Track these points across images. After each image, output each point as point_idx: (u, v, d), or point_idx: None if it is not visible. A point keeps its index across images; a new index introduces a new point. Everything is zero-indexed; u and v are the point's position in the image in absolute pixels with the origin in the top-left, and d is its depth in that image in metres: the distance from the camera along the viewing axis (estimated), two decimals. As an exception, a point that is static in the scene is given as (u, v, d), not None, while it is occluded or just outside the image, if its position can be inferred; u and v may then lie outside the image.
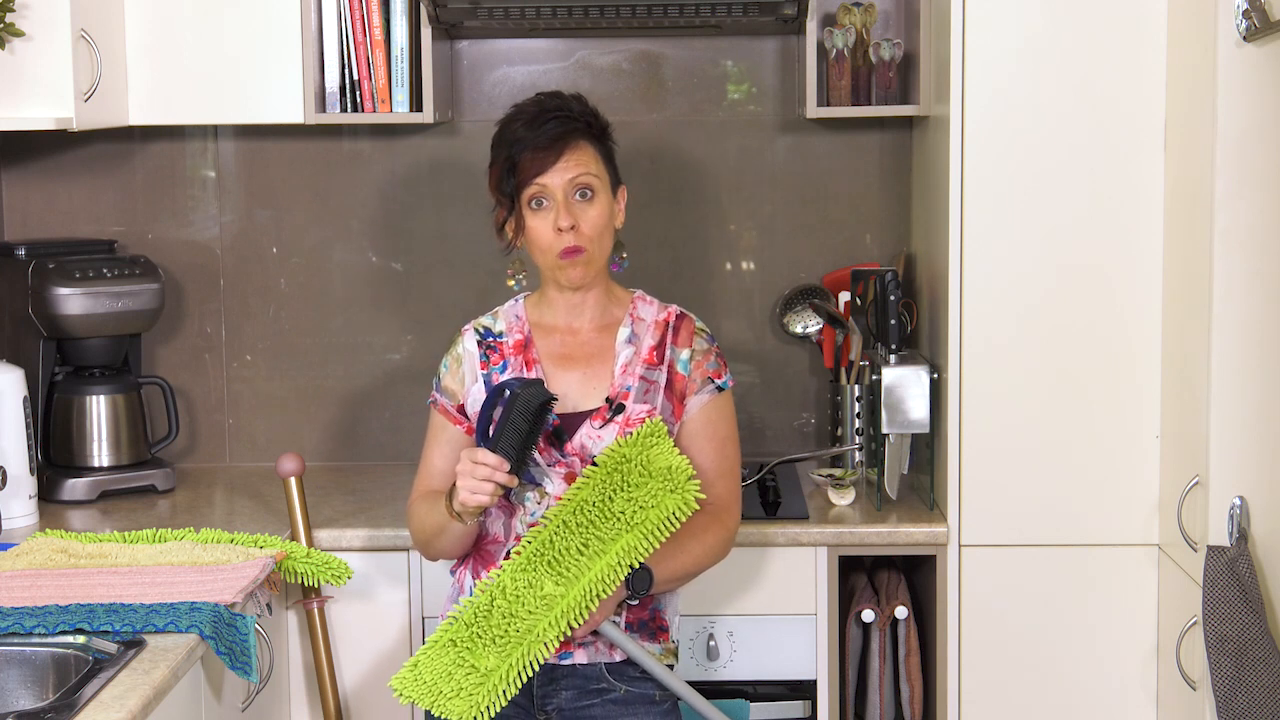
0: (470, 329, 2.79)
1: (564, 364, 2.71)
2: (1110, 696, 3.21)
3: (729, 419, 2.74)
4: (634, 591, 2.57)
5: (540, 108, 2.68)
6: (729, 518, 2.72)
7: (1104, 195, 3.14)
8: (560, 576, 2.51)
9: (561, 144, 2.62)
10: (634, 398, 2.67)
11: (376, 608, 3.25)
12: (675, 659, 2.73)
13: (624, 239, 2.76)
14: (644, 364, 2.69)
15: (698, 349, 2.72)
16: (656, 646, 2.68)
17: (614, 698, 2.64)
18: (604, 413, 2.66)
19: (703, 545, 2.67)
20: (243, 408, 3.85)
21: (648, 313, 2.75)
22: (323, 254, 3.82)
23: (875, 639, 3.27)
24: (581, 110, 2.69)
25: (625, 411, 2.66)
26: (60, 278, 3.45)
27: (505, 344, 2.74)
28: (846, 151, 3.77)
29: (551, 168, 2.62)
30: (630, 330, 2.72)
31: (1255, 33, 2.70)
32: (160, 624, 2.49)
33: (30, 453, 3.28)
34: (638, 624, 2.67)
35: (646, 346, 2.71)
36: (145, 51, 3.42)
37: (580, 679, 2.64)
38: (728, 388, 2.74)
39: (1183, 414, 3.02)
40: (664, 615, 2.71)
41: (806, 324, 3.76)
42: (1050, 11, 3.12)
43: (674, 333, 2.73)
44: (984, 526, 3.21)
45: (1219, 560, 2.78)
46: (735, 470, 2.75)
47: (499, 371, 2.72)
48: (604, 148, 2.70)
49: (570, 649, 2.64)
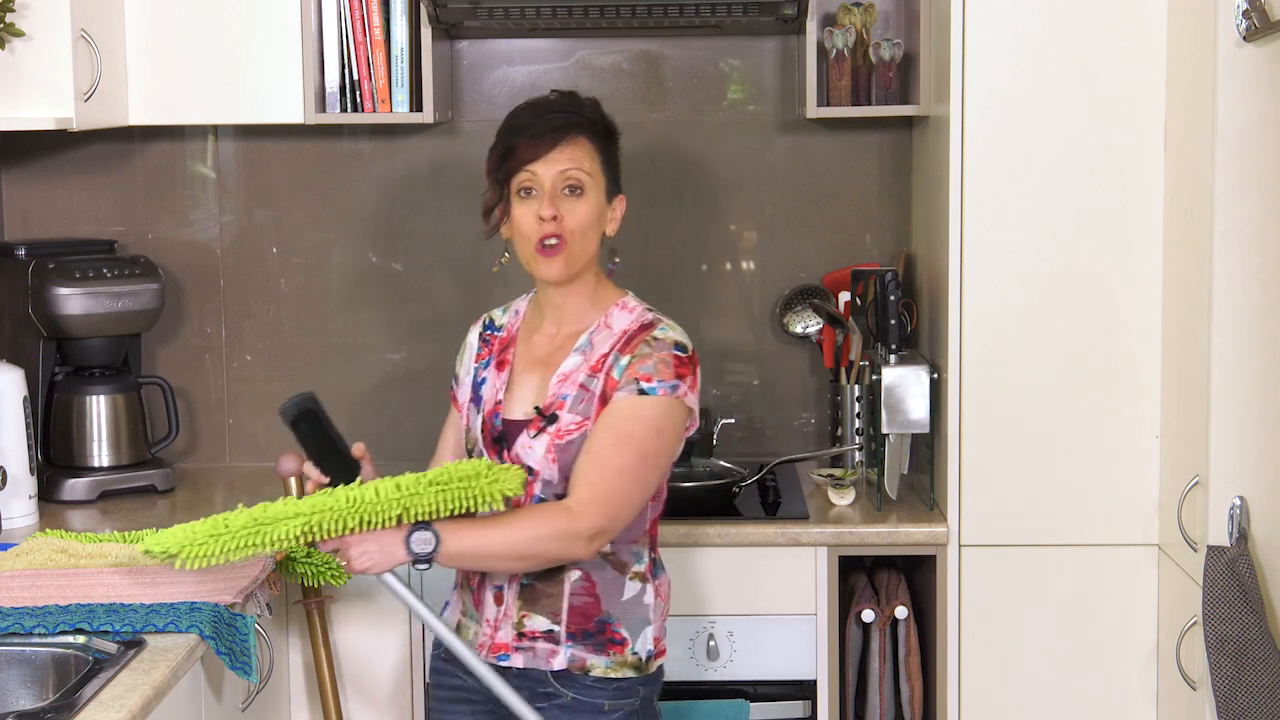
0: (483, 319, 2.80)
1: (531, 367, 2.68)
2: (1110, 696, 3.21)
3: (644, 423, 2.54)
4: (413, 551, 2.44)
5: (549, 101, 2.67)
6: (583, 517, 2.50)
7: (1104, 195, 3.14)
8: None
9: (558, 135, 2.59)
10: (569, 407, 2.59)
11: (376, 608, 3.25)
12: (636, 672, 2.62)
13: (624, 238, 2.75)
14: (588, 371, 2.60)
15: (639, 354, 2.58)
16: (603, 659, 2.60)
17: (561, 703, 2.60)
18: (537, 423, 2.60)
19: (528, 528, 2.50)
20: (243, 408, 3.85)
21: (620, 321, 2.64)
22: (323, 254, 3.82)
23: (875, 639, 3.27)
24: (591, 110, 2.67)
25: (559, 422, 2.59)
26: (60, 278, 3.45)
27: (498, 339, 2.74)
28: (846, 151, 3.77)
29: (544, 157, 2.59)
30: (589, 338, 2.64)
31: (1255, 33, 2.70)
32: (160, 624, 2.49)
33: (30, 453, 3.28)
34: (580, 634, 2.60)
35: (598, 355, 2.61)
36: (145, 51, 3.42)
37: (529, 681, 2.61)
38: (655, 393, 2.55)
39: (1183, 414, 3.02)
40: (615, 628, 2.61)
41: (806, 324, 3.76)
42: (1050, 11, 3.12)
43: (627, 341, 2.60)
44: (984, 526, 3.21)
45: (1219, 560, 2.78)
46: (619, 472, 2.52)
47: (483, 367, 2.72)
48: (606, 151, 2.66)
49: (507, 651, 2.62)
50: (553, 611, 2.60)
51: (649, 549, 2.67)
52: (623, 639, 2.62)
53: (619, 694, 2.62)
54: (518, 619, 2.61)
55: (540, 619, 2.61)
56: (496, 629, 2.63)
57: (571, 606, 2.60)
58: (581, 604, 2.60)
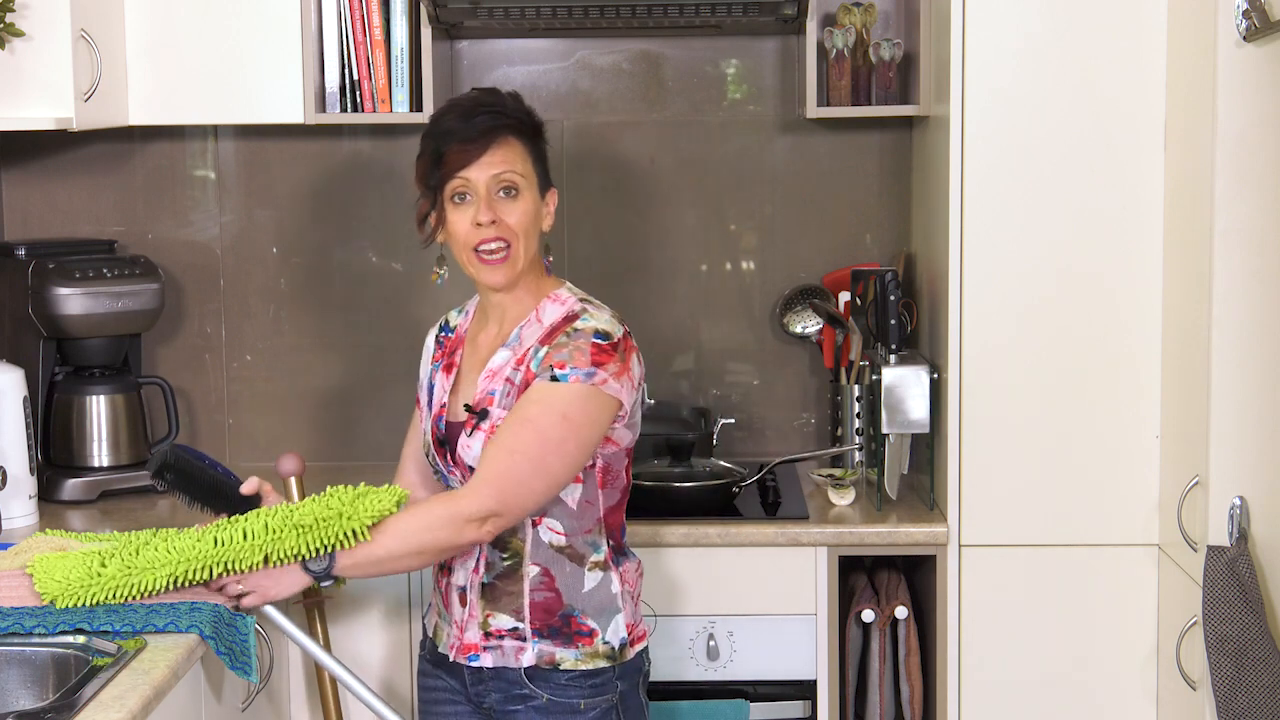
0: (439, 321, 2.81)
1: (474, 368, 2.68)
2: (1110, 696, 3.21)
3: (548, 406, 2.51)
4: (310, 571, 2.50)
5: (473, 103, 2.63)
6: (467, 499, 2.50)
7: (1104, 195, 3.14)
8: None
9: (488, 139, 2.57)
10: (497, 402, 2.59)
11: (376, 608, 3.25)
12: (609, 661, 2.62)
13: (625, 238, 2.75)
14: (514, 364, 2.60)
15: (557, 344, 2.56)
16: (572, 652, 2.60)
17: (536, 704, 2.60)
18: (470, 421, 2.61)
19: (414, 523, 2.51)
20: (243, 408, 3.85)
21: (551, 313, 2.63)
22: (323, 254, 3.82)
23: (875, 639, 3.27)
24: (515, 108, 2.64)
25: (490, 417, 2.59)
26: (60, 278, 3.45)
27: (450, 340, 2.75)
28: (846, 151, 3.77)
29: (475, 162, 2.57)
30: (518, 332, 2.64)
31: (1255, 33, 2.70)
32: (160, 624, 2.49)
33: (30, 453, 3.28)
34: (546, 629, 2.60)
35: (525, 348, 2.61)
36: (145, 51, 3.42)
37: (503, 682, 2.62)
38: (566, 380, 2.52)
39: (1183, 414, 3.02)
40: (581, 620, 2.61)
41: (806, 324, 3.76)
42: (1050, 11, 3.12)
43: (550, 333, 2.59)
44: (984, 526, 3.21)
45: (1219, 560, 2.78)
46: (513, 453, 2.50)
47: (435, 369, 2.74)
48: (535, 147, 2.64)
49: (476, 650, 2.62)
50: (515, 609, 2.61)
51: (606, 538, 2.66)
52: (590, 630, 2.62)
53: (594, 691, 2.62)
54: (483, 618, 2.62)
55: (504, 617, 2.61)
56: (464, 630, 2.65)
57: (533, 602, 2.61)
58: (543, 599, 2.61)
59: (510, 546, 2.61)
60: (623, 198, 3.79)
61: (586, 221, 3.78)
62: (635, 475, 3.36)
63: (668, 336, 3.82)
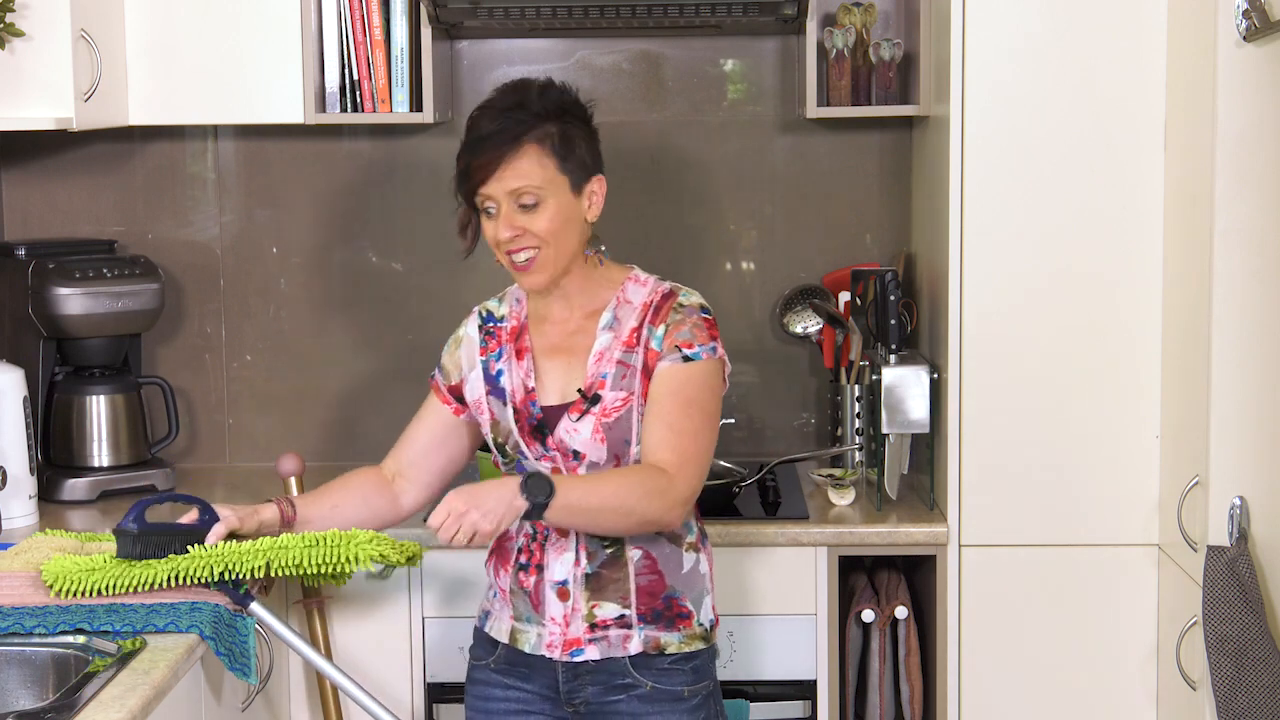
0: (477, 312, 2.78)
1: (551, 354, 2.67)
2: (1110, 696, 3.21)
3: (700, 384, 2.59)
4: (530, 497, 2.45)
5: (497, 108, 2.60)
6: (678, 480, 2.54)
7: (1104, 195, 3.14)
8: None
9: (502, 152, 2.55)
10: (610, 385, 2.60)
11: (376, 608, 3.25)
12: (704, 643, 2.65)
13: (624, 238, 2.75)
14: (623, 347, 2.61)
15: (673, 321, 2.60)
16: (676, 635, 2.62)
17: (640, 693, 2.61)
18: (580, 405, 2.61)
19: (634, 483, 2.52)
20: (243, 408, 3.85)
21: (637, 294, 2.65)
22: (323, 254, 3.82)
23: (875, 639, 3.27)
24: (541, 105, 2.59)
25: (602, 401, 2.60)
26: (60, 278, 3.45)
27: (503, 329, 2.72)
28: (846, 151, 3.77)
29: (492, 177, 2.56)
30: (613, 314, 2.64)
31: (1255, 33, 2.70)
32: (160, 624, 2.49)
33: (30, 453, 3.28)
34: (650, 614, 2.61)
35: (628, 329, 2.62)
36: (145, 51, 3.42)
37: (605, 674, 2.62)
38: (699, 358, 2.59)
39: (1183, 414, 3.02)
40: (681, 602, 2.63)
41: (806, 324, 3.76)
42: (1050, 11, 3.12)
43: (655, 312, 2.62)
44: (984, 526, 3.21)
45: (1219, 560, 2.78)
46: (695, 435, 2.57)
47: (495, 359, 2.70)
48: (564, 142, 2.58)
49: (580, 645, 2.61)
50: (621, 596, 2.61)
51: (695, 519, 2.70)
52: (689, 612, 2.64)
53: (696, 676, 2.64)
54: (588, 610, 2.61)
55: (611, 606, 2.61)
56: (568, 625, 2.62)
57: (639, 587, 2.61)
58: (648, 583, 2.61)
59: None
60: (623, 198, 3.78)
61: (586, 221, 3.78)
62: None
63: (668, 336, 3.82)
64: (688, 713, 2.63)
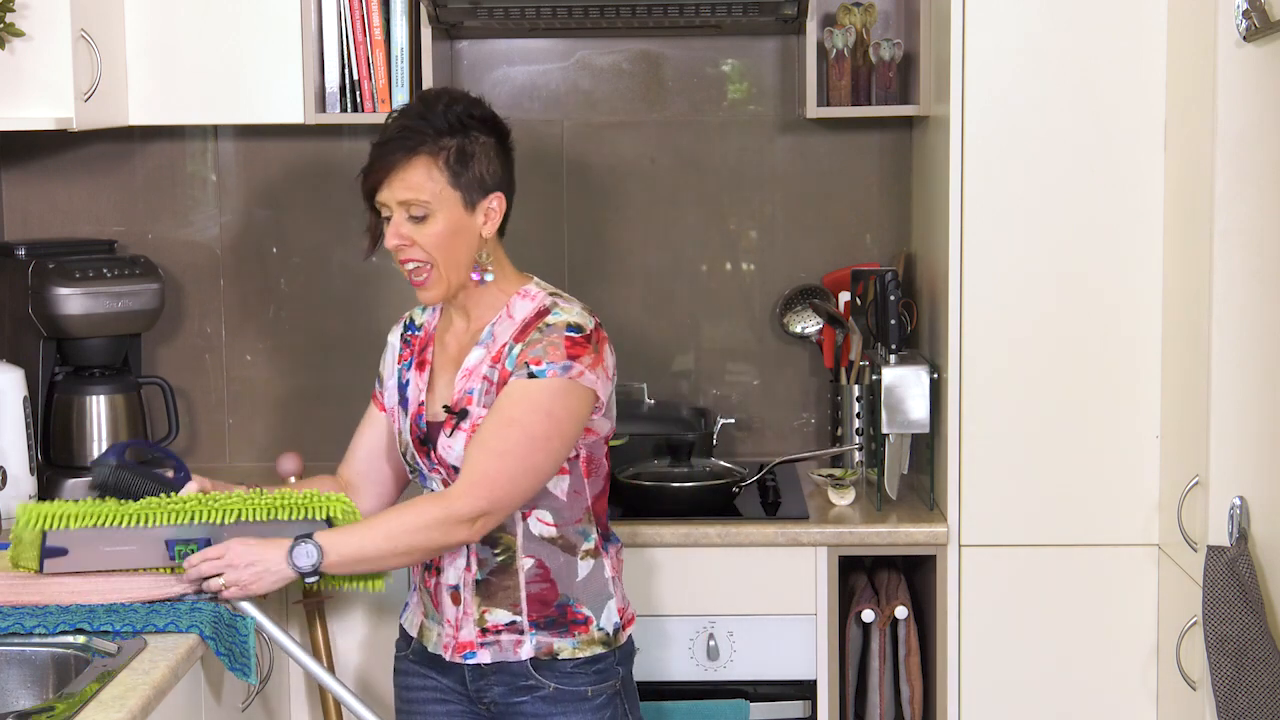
0: (404, 318, 2.80)
1: (446, 367, 2.68)
2: (1110, 696, 3.21)
3: (530, 404, 2.53)
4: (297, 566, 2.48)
5: (400, 115, 2.60)
6: (459, 500, 2.51)
7: (1104, 195, 3.14)
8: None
9: (392, 164, 2.55)
10: (476, 400, 2.59)
11: (376, 608, 3.25)
12: (604, 647, 2.64)
13: (625, 238, 2.75)
14: (490, 363, 2.60)
15: (530, 340, 2.57)
16: (570, 641, 2.61)
17: (543, 694, 2.62)
18: (450, 421, 2.61)
19: (406, 521, 2.52)
20: (243, 408, 3.85)
21: (521, 309, 2.62)
22: (323, 254, 3.82)
23: (875, 639, 3.27)
24: (444, 120, 2.56)
25: (470, 416, 2.59)
26: (60, 278, 3.44)
27: (418, 339, 2.74)
28: (846, 151, 3.77)
29: (383, 185, 2.57)
30: (491, 330, 2.63)
31: (1255, 33, 2.70)
32: (160, 624, 2.49)
33: (30, 453, 3.28)
34: (543, 621, 2.61)
35: (499, 345, 2.60)
36: (145, 51, 3.42)
37: (508, 675, 2.63)
38: (544, 375, 2.53)
39: (1183, 414, 3.02)
40: (577, 608, 2.63)
41: (806, 324, 3.76)
42: (1050, 11, 3.12)
43: (523, 328, 2.59)
44: (984, 526, 3.21)
45: (1219, 560, 2.78)
46: (503, 455, 2.52)
47: (406, 369, 2.72)
48: (459, 158, 2.56)
49: (472, 648, 2.63)
50: (512, 603, 2.62)
51: (595, 526, 2.68)
52: (585, 618, 2.64)
53: (600, 677, 2.64)
54: (478, 615, 2.63)
55: (501, 612, 2.62)
56: (459, 628, 2.64)
57: (530, 595, 2.61)
58: (539, 591, 2.62)
59: (501, 542, 2.61)
60: (623, 198, 3.79)
61: (586, 221, 3.78)
62: (635, 475, 3.37)
63: (668, 336, 3.82)
64: (592, 712, 2.63)
